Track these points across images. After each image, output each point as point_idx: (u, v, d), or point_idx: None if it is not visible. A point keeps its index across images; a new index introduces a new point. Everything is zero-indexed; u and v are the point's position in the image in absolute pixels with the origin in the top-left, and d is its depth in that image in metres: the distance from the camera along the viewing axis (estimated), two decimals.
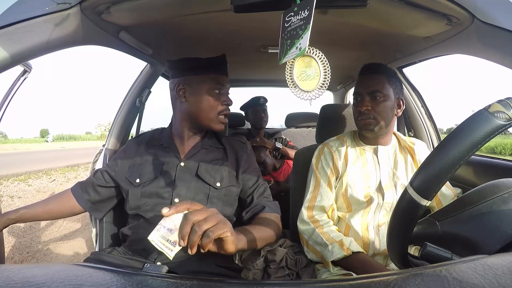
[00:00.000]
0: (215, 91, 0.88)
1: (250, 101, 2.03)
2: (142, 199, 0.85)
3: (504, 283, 0.25)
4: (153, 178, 0.87)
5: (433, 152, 0.39)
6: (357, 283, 0.29)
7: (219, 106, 0.88)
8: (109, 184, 0.94)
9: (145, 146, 0.94)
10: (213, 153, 0.93)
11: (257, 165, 0.98)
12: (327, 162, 0.98)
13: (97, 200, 0.94)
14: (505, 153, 16.83)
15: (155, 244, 0.52)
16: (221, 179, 0.88)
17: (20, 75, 1.32)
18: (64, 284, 0.27)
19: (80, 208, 0.93)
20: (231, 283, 0.32)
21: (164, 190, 0.85)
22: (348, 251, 0.83)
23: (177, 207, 0.54)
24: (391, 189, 0.91)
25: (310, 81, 0.57)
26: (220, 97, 0.89)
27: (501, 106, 0.35)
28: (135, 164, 0.91)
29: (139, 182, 0.87)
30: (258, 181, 0.93)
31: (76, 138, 49.71)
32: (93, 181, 0.94)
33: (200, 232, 0.51)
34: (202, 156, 0.91)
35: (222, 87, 0.89)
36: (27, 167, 7.39)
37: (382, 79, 0.91)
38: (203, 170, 0.87)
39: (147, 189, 0.85)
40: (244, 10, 0.66)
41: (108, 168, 0.95)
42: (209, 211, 0.56)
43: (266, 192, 0.94)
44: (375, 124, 0.91)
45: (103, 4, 0.71)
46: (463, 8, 0.65)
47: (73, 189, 0.95)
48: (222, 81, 0.89)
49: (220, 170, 0.89)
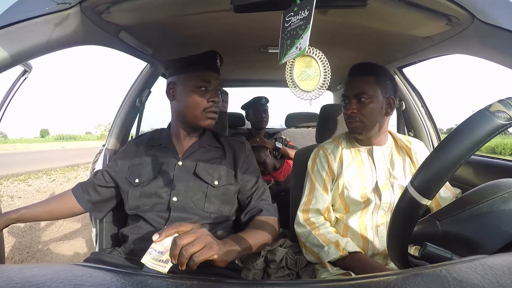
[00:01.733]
0: (201, 89, 0.87)
1: (251, 100, 2.03)
2: (141, 199, 0.85)
3: (504, 283, 0.25)
4: (151, 178, 0.87)
5: (434, 151, 0.39)
6: (357, 283, 0.29)
7: (204, 103, 0.87)
8: (110, 184, 0.94)
9: (144, 147, 0.95)
10: (211, 152, 0.93)
11: (257, 166, 0.98)
12: (322, 165, 0.98)
13: (98, 201, 0.94)
14: (505, 153, 16.83)
15: (148, 265, 0.56)
16: (219, 177, 0.88)
17: (20, 75, 1.32)
18: (64, 284, 0.27)
19: (80, 208, 0.93)
20: (231, 283, 0.32)
21: (163, 189, 0.85)
22: (344, 251, 0.83)
23: (166, 231, 0.58)
24: (388, 190, 0.91)
25: (310, 81, 0.57)
26: (206, 94, 0.87)
27: (502, 105, 0.35)
28: (135, 165, 0.91)
29: (138, 182, 0.87)
30: (257, 182, 0.93)
31: (76, 138, 49.73)
32: (94, 182, 0.94)
33: (187, 255, 0.55)
34: (200, 155, 0.91)
35: (208, 84, 0.87)
36: (27, 167, 7.39)
37: (369, 80, 0.90)
38: (201, 168, 0.88)
39: (146, 189, 0.86)
40: (244, 10, 0.66)
41: (108, 169, 0.96)
42: (198, 233, 0.58)
43: (265, 194, 0.93)
44: (362, 127, 0.91)
45: (103, 4, 0.71)
46: (463, 8, 0.65)
47: (74, 190, 0.95)
48: (208, 78, 0.87)
49: (218, 168, 0.89)
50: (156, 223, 0.83)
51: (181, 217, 0.82)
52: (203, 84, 0.87)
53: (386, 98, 0.92)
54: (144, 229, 0.84)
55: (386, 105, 0.92)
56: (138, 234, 0.84)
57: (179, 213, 0.83)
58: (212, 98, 0.88)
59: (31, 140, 42.38)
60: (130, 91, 1.40)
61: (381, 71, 0.93)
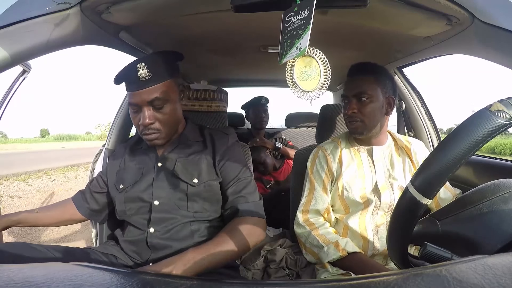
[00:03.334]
0: (132, 111, 0.81)
1: (251, 100, 2.03)
2: (126, 205, 0.84)
3: (504, 283, 0.25)
4: (133, 182, 0.85)
5: (434, 151, 0.39)
6: (357, 283, 0.29)
7: (137, 125, 0.82)
8: (104, 190, 0.94)
9: (129, 151, 0.93)
10: (191, 147, 0.88)
11: (241, 158, 0.89)
12: (322, 166, 0.98)
13: (96, 207, 0.95)
14: (505, 153, 16.83)
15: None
16: (199, 174, 0.82)
17: (19, 75, 1.32)
18: (64, 284, 0.27)
19: (80, 216, 0.94)
20: (231, 283, 0.32)
21: (145, 193, 0.83)
22: (344, 251, 0.83)
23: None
24: (388, 190, 0.91)
25: (310, 81, 0.57)
26: (136, 115, 0.81)
27: (502, 105, 0.35)
28: (120, 170, 0.90)
29: (122, 188, 0.86)
30: (237, 175, 0.83)
31: (76, 138, 49.70)
32: (90, 189, 0.95)
33: None
34: (179, 152, 0.86)
35: (134, 106, 0.80)
36: (27, 167, 7.38)
37: (368, 80, 0.90)
38: (179, 167, 0.83)
39: (129, 194, 0.84)
40: (244, 10, 0.66)
41: (102, 174, 0.96)
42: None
43: (246, 189, 0.82)
44: (363, 127, 0.91)
45: (103, 4, 0.71)
46: (463, 8, 0.65)
47: (74, 198, 0.96)
48: (131, 99, 0.79)
49: (198, 164, 0.83)
50: (140, 225, 0.82)
51: (163, 217, 0.80)
52: (131, 106, 0.81)
53: (386, 97, 0.91)
54: (132, 232, 0.84)
55: (386, 104, 0.92)
56: (127, 237, 0.85)
57: (161, 214, 0.81)
58: (142, 121, 0.78)
59: (31, 140, 42.36)
60: None
61: (380, 71, 0.92)
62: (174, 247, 0.79)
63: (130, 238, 0.84)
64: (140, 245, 0.81)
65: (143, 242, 0.80)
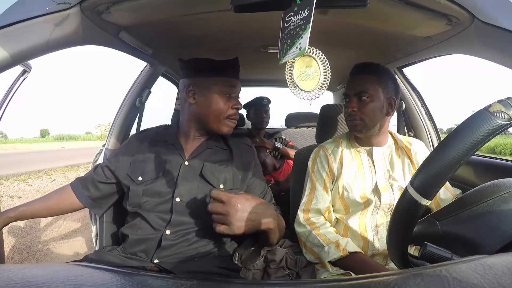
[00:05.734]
0: (226, 95, 0.86)
1: (253, 100, 2.03)
2: (143, 198, 0.83)
3: (504, 283, 0.25)
4: (155, 176, 0.85)
5: (434, 152, 0.39)
6: (357, 283, 0.29)
7: (229, 110, 0.87)
8: (110, 180, 0.92)
9: (148, 143, 0.92)
10: (218, 154, 0.92)
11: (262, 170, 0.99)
12: (323, 165, 0.98)
13: (98, 197, 0.93)
14: (505, 153, 16.82)
15: None
16: (224, 181, 0.86)
17: (19, 75, 1.32)
18: (64, 284, 0.27)
19: (79, 204, 0.92)
20: (231, 283, 0.32)
21: (166, 189, 0.83)
22: (344, 251, 0.83)
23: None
24: (388, 191, 0.91)
25: (310, 81, 0.57)
26: (230, 100, 0.87)
27: (501, 106, 0.35)
28: (137, 161, 0.89)
29: (141, 180, 0.85)
30: (265, 188, 0.95)
31: (76, 138, 49.73)
32: (94, 177, 0.92)
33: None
34: (207, 156, 0.89)
35: (233, 91, 0.87)
36: (27, 167, 7.39)
37: (370, 79, 0.90)
38: (207, 170, 0.86)
39: (149, 188, 0.84)
40: (244, 10, 0.66)
41: (109, 164, 0.93)
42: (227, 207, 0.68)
43: (272, 198, 0.96)
44: (362, 125, 0.90)
45: (103, 4, 0.71)
46: (463, 8, 0.65)
47: (73, 185, 0.93)
48: (234, 84, 0.88)
49: (224, 172, 0.87)
50: (156, 224, 0.81)
51: (182, 220, 0.81)
52: (228, 90, 0.86)
53: (387, 98, 0.91)
54: (144, 229, 0.82)
55: (387, 105, 0.92)
56: (137, 235, 0.82)
57: (181, 217, 0.81)
58: (236, 105, 0.88)
59: (31, 140, 42.39)
60: (130, 91, 1.40)
61: (382, 71, 0.92)
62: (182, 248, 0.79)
63: (141, 236, 0.82)
64: (151, 244, 0.80)
65: (155, 241, 0.80)
